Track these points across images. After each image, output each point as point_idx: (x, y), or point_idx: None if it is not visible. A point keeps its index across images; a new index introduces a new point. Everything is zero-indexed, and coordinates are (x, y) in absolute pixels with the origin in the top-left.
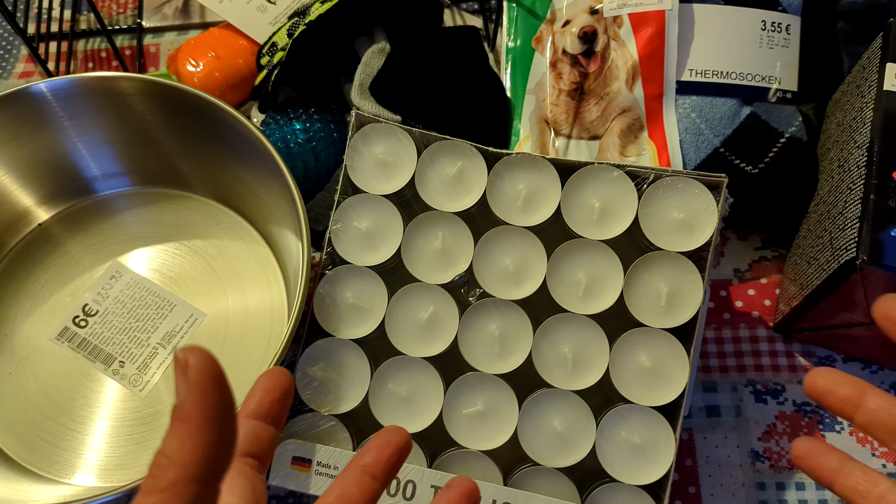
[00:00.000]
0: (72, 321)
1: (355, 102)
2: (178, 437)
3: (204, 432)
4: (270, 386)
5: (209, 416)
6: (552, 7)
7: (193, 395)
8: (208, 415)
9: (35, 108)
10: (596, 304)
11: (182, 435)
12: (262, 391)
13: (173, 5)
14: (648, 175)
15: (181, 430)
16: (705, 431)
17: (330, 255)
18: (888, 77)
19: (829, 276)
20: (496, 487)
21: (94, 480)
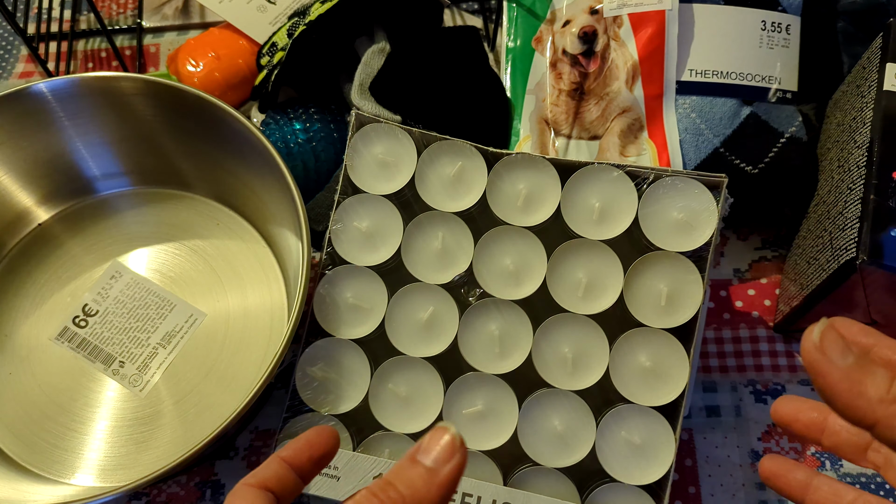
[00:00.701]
0: (72, 321)
1: (355, 102)
2: (422, 487)
3: (443, 501)
4: (315, 442)
5: (451, 493)
6: (552, 7)
7: (454, 473)
8: (449, 493)
9: (35, 108)
10: (596, 304)
11: (425, 489)
12: (305, 443)
13: (173, 5)
14: (648, 175)
15: (427, 484)
16: (705, 431)
17: (330, 255)
18: (888, 77)
19: (829, 276)
20: (496, 487)
21: (94, 480)
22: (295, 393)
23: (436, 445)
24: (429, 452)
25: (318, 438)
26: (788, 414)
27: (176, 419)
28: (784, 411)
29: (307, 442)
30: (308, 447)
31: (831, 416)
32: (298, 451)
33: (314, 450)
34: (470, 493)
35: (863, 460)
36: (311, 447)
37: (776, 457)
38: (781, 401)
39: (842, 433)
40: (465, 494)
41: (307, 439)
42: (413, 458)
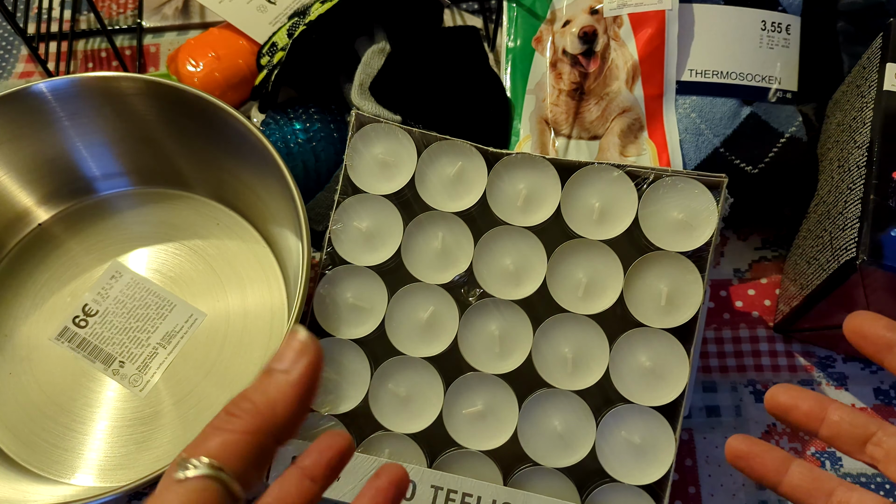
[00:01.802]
0: (72, 321)
1: (355, 102)
2: (270, 393)
3: (297, 401)
4: (332, 449)
5: (307, 390)
6: (552, 7)
7: (306, 369)
8: (307, 389)
9: (35, 108)
10: (596, 304)
11: (275, 394)
12: (321, 454)
13: (173, 5)
14: (648, 175)
15: (277, 389)
16: (705, 431)
17: (330, 255)
18: (888, 77)
19: (829, 276)
20: (496, 487)
21: (94, 480)
22: None
23: (287, 349)
24: (281, 358)
25: (330, 444)
26: (787, 402)
27: (176, 419)
28: (782, 399)
29: (318, 450)
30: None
31: (831, 407)
32: (316, 462)
33: (331, 456)
34: (470, 493)
35: (861, 454)
36: (324, 453)
37: (746, 437)
38: (778, 389)
39: (842, 424)
40: (464, 494)
41: (319, 449)
42: (268, 367)
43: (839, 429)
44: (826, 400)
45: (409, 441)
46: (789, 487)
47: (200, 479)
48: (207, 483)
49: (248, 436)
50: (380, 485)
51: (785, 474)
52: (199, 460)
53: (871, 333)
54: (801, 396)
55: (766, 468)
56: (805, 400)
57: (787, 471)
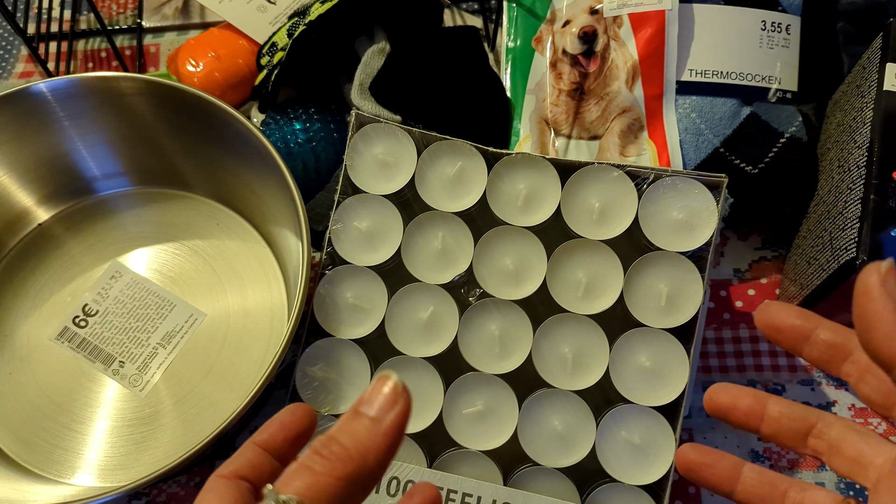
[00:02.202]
0: (72, 321)
1: (355, 102)
2: (363, 439)
3: (389, 451)
4: (288, 422)
5: (398, 440)
6: (552, 7)
7: (399, 420)
8: (397, 441)
9: (35, 108)
10: (596, 304)
11: (368, 442)
12: (278, 425)
13: (173, 5)
14: (648, 175)
15: (370, 436)
16: (705, 431)
17: (330, 255)
18: (888, 77)
19: (829, 276)
20: (496, 487)
21: (94, 480)
22: (295, 393)
23: (378, 395)
24: (371, 403)
25: (291, 418)
26: (727, 402)
27: (176, 419)
28: (721, 400)
29: (280, 423)
30: (281, 429)
31: (770, 402)
32: (273, 435)
33: (289, 431)
34: (470, 493)
35: (804, 447)
36: (283, 428)
37: (695, 446)
38: (715, 389)
39: (782, 420)
40: (464, 494)
41: (280, 421)
42: (356, 410)
43: (779, 424)
44: (763, 395)
45: (409, 441)
46: (744, 494)
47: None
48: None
49: (339, 481)
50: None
51: (737, 481)
52: (288, 497)
53: (784, 325)
54: (740, 395)
55: (719, 477)
56: (744, 398)
57: (738, 477)
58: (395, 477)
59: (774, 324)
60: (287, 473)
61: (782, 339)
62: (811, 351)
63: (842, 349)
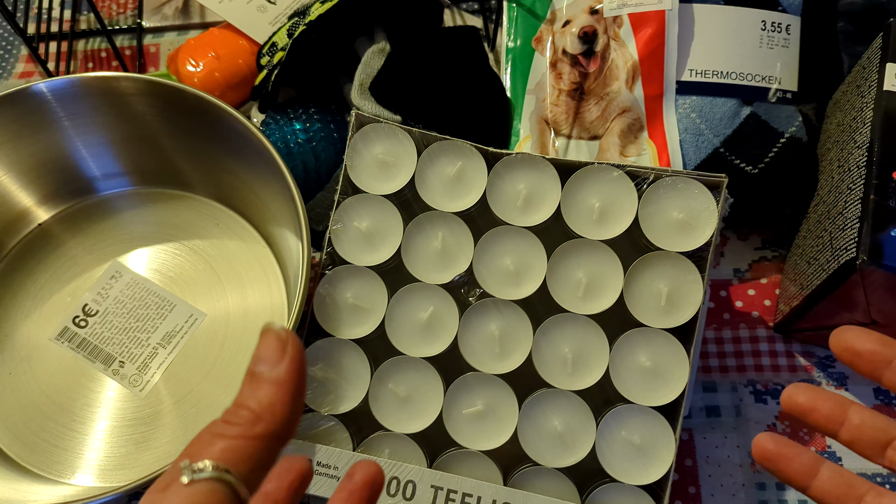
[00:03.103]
0: (72, 321)
1: (355, 102)
2: (266, 398)
3: (294, 401)
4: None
5: (299, 387)
6: (552, 7)
7: (292, 365)
8: (299, 386)
9: (35, 108)
10: (596, 304)
11: (272, 398)
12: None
13: (173, 5)
14: (648, 175)
15: (273, 391)
16: (705, 431)
17: (330, 255)
18: (888, 77)
19: (829, 276)
20: (496, 487)
21: (94, 480)
22: None
23: (265, 350)
24: (261, 359)
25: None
26: (806, 403)
27: (176, 419)
28: (801, 400)
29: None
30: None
31: (852, 409)
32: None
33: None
34: (470, 493)
35: (881, 458)
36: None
37: (774, 436)
38: (796, 389)
39: (864, 427)
40: (465, 494)
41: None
42: (251, 371)
43: (860, 432)
44: (846, 402)
45: (409, 441)
46: (819, 491)
47: (207, 482)
48: (214, 485)
49: (253, 441)
50: (353, 486)
51: (815, 477)
52: (203, 463)
53: (865, 351)
54: (821, 398)
55: (797, 470)
56: (825, 402)
57: (817, 474)
58: (395, 477)
59: (854, 349)
60: (197, 444)
61: (862, 365)
62: (893, 377)
63: None
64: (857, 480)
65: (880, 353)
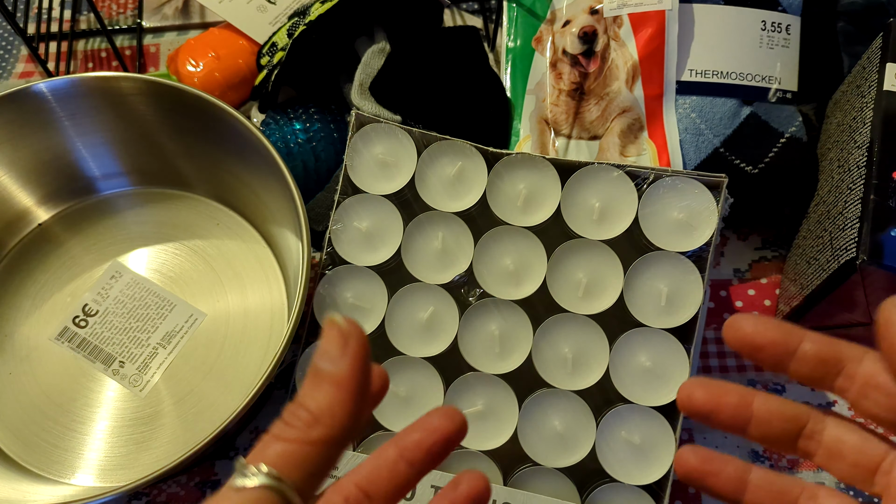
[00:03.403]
0: (72, 321)
1: (355, 102)
2: (327, 397)
3: (354, 401)
4: (433, 429)
5: (362, 388)
6: (552, 7)
7: (354, 364)
8: (361, 386)
9: (35, 108)
10: (596, 304)
11: (333, 397)
12: (424, 434)
13: (173, 5)
14: (648, 175)
15: (332, 392)
16: (705, 431)
17: (330, 255)
18: (888, 77)
19: (829, 276)
20: (496, 487)
21: (94, 480)
22: (295, 393)
23: (327, 344)
24: (323, 355)
25: (438, 427)
26: (710, 401)
27: (176, 419)
28: (702, 398)
29: (424, 431)
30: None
31: (756, 399)
32: (418, 443)
33: (436, 440)
34: None
35: (792, 449)
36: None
37: (697, 448)
38: (690, 386)
39: (773, 421)
40: None
41: (424, 428)
42: (314, 367)
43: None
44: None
45: None
46: (753, 501)
47: (259, 490)
48: (266, 493)
49: (310, 446)
50: (457, 497)
51: (745, 490)
52: (258, 468)
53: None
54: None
55: (724, 486)
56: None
57: (746, 483)
58: None
59: (752, 341)
60: (257, 446)
61: (763, 358)
62: (799, 367)
63: (833, 363)
64: (789, 483)
65: (782, 343)
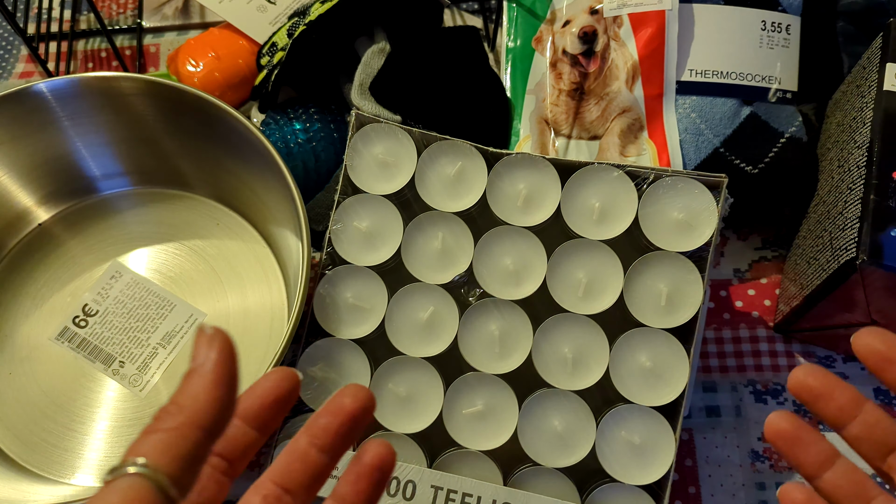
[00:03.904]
0: (72, 321)
1: (355, 102)
2: (191, 389)
3: (216, 388)
4: (266, 389)
5: (224, 377)
6: (552, 7)
7: (218, 357)
8: (223, 376)
9: (35, 108)
10: (596, 304)
11: (196, 388)
12: (255, 395)
13: (173, 5)
14: (648, 175)
15: (196, 383)
16: (705, 431)
17: (330, 255)
18: (888, 77)
19: (829, 276)
20: (496, 487)
21: (94, 480)
22: None
23: (197, 348)
24: (194, 357)
25: (266, 384)
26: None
27: None
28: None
29: (255, 393)
30: (257, 398)
31: (867, 405)
32: (249, 406)
33: (266, 397)
34: (470, 493)
35: (880, 461)
36: (260, 396)
37: (791, 416)
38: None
39: (876, 429)
40: (465, 494)
41: (258, 389)
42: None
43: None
44: (861, 396)
45: (409, 441)
46: (830, 485)
47: (126, 478)
48: (136, 480)
49: (176, 432)
50: (362, 469)
51: (828, 470)
52: (133, 461)
53: None
54: (838, 386)
55: (810, 459)
56: (842, 391)
57: (831, 467)
58: (395, 477)
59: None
60: (131, 444)
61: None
62: None
63: None
64: (870, 483)
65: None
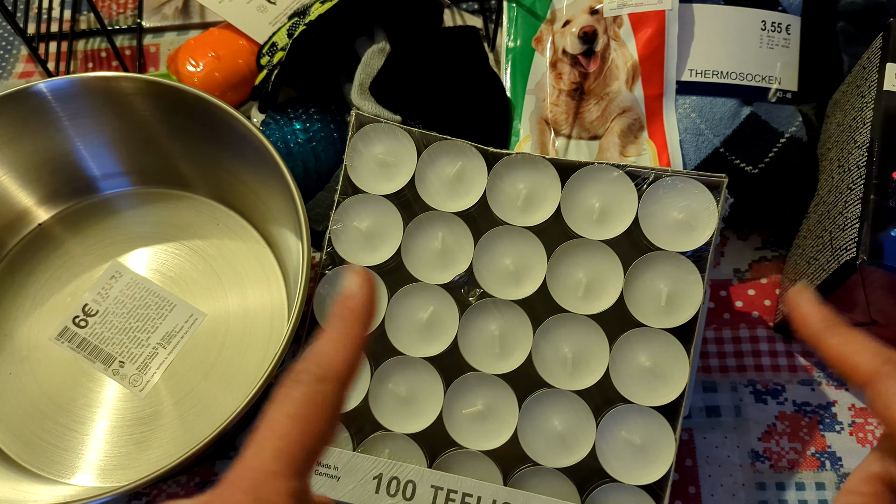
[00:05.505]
0: (72, 321)
1: (355, 102)
2: (332, 341)
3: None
4: None
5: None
6: (552, 7)
7: (364, 302)
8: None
9: (35, 108)
10: (596, 304)
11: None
12: None
13: (173, 5)
14: (648, 175)
15: (339, 336)
16: (705, 431)
17: (330, 255)
18: (888, 77)
19: (829, 276)
20: (496, 487)
21: (94, 480)
22: None
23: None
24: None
25: None
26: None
27: (176, 419)
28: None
29: None
30: None
31: None
32: None
33: None
34: (470, 493)
35: None
36: None
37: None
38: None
39: None
40: (465, 494)
41: None
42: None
43: None
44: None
45: (409, 441)
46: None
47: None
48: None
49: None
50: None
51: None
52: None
53: None
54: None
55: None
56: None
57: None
58: (395, 477)
59: None
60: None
61: None
62: None
63: None
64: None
65: None
